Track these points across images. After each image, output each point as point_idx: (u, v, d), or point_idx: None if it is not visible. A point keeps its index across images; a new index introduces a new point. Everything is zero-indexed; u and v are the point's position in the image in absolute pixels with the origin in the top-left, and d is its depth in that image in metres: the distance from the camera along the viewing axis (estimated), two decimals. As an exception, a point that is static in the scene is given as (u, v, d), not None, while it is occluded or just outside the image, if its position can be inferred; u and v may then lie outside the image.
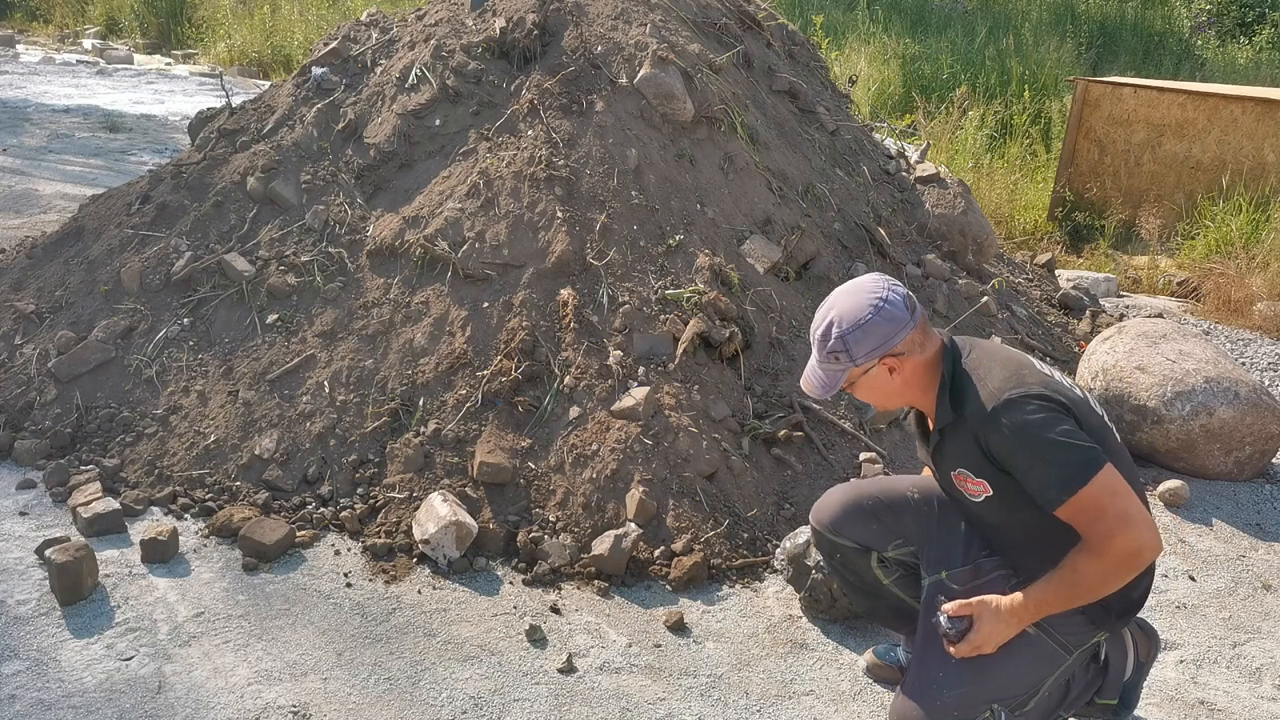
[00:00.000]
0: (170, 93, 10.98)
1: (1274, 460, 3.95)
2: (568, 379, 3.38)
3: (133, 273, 3.94)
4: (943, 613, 2.09)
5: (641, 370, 3.41)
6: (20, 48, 13.69)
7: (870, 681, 2.63)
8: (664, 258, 3.75)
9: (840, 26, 12.11)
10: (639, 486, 3.10)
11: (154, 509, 3.21)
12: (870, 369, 2.08)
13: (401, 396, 3.41)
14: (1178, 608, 3.06)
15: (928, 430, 2.21)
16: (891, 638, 2.76)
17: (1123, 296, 6.06)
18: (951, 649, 2.07)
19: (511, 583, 2.94)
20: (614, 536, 2.98)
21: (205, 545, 3.03)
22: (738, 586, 2.99)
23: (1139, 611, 2.16)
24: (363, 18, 4.96)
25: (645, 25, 4.29)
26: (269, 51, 12.61)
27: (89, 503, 3.08)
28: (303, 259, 3.83)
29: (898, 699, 2.15)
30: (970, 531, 2.28)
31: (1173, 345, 3.93)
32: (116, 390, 3.62)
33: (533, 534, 3.05)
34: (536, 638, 2.70)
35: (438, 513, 2.98)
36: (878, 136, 5.75)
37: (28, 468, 3.39)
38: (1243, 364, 4.97)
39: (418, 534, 2.99)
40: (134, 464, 3.36)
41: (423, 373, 3.45)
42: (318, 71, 4.52)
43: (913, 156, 5.68)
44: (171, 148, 8.16)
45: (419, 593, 2.87)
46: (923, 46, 11.56)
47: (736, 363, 3.58)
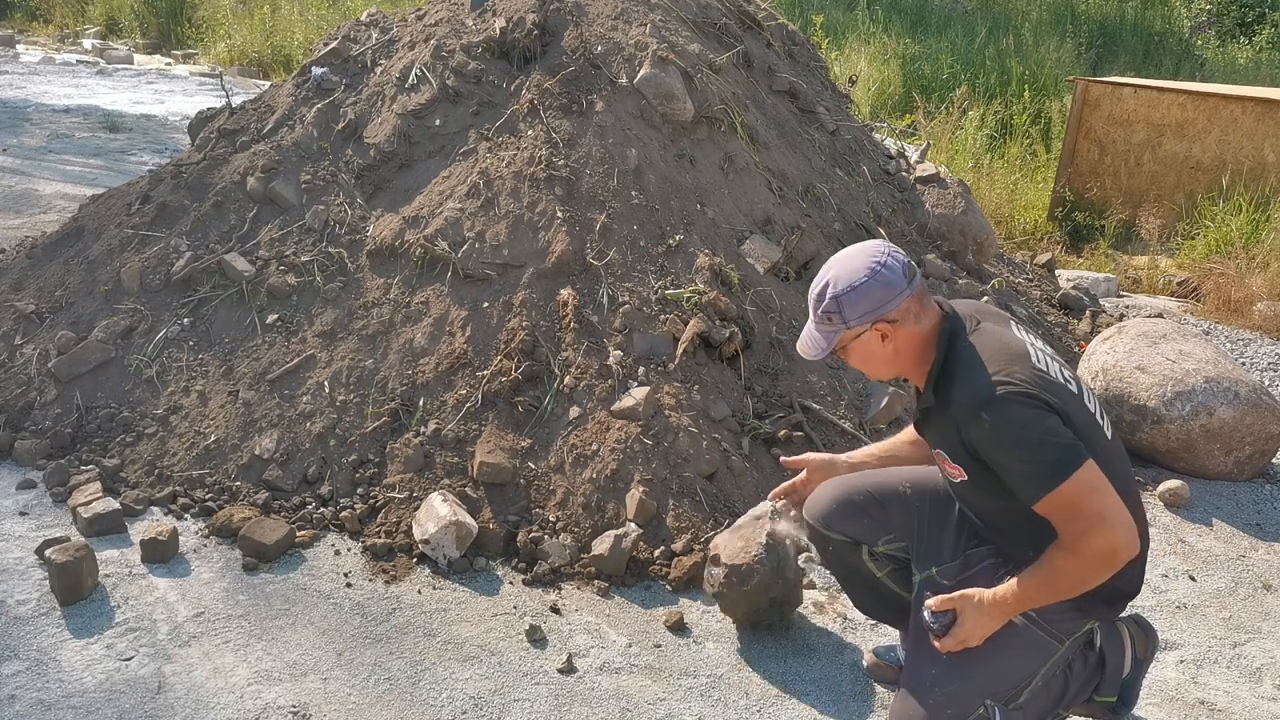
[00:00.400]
0: (170, 93, 10.97)
1: (1274, 460, 3.95)
2: (568, 379, 3.38)
3: (133, 273, 3.94)
4: (927, 608, 2.09)
5: (641, 370, 3.41)
6: (20, 48, 13.67)
7: (870, 681, 2.63)
8: (664, 258, 3.75)
9: (840, 26, 12.10)
10: (639, 486, 3.10)
11: (154, 509, 3.21)
12: (862, 333, 2.08)
13: (401, 396, 3.41)
14: (1178, 608, 3.06)
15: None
16: (892, 636, 2.76)
17: (1123, 296, 6.05)
18: (937, 643, 2.07)
19: (511, 583, 2.94)
20: (614, 536, 2.98)
21: (205, 545, 3.03)
22: (738, 586, 2.98)
23: (1132, 600, 2.16)
24: (363, 18, 4.96)
25: (645, 25, 4.29)
26: (269, 51, 12.60)
27: (89, 503, 3.09)
28: (303, 259, 3.83)
29: (897, 699, 2.15)
30: (961, 523, 2.28)
31: (1173, 345, 3.93)
32: (116, 390, 3.62)
33: (533, 534, 3.05)
34: (536, 638, 2.70)
35: (438, 513, 2.98)
36: (878, 136, 5.74)
37: (28, 468, 3.39)
38: (1243, 364, 4.97)
39: (418, 534, 2.99)
40: (134, 464, 3.36)
41: (423, 373, 3.45)
42: (318, 71, 4.52)
43: (913, 156, 5.68)
44: (171, 148, 8.15)
45: (419, 593, 2.87)
46: (923, 46, 11.55)
47: (736, 363, 3.58)
